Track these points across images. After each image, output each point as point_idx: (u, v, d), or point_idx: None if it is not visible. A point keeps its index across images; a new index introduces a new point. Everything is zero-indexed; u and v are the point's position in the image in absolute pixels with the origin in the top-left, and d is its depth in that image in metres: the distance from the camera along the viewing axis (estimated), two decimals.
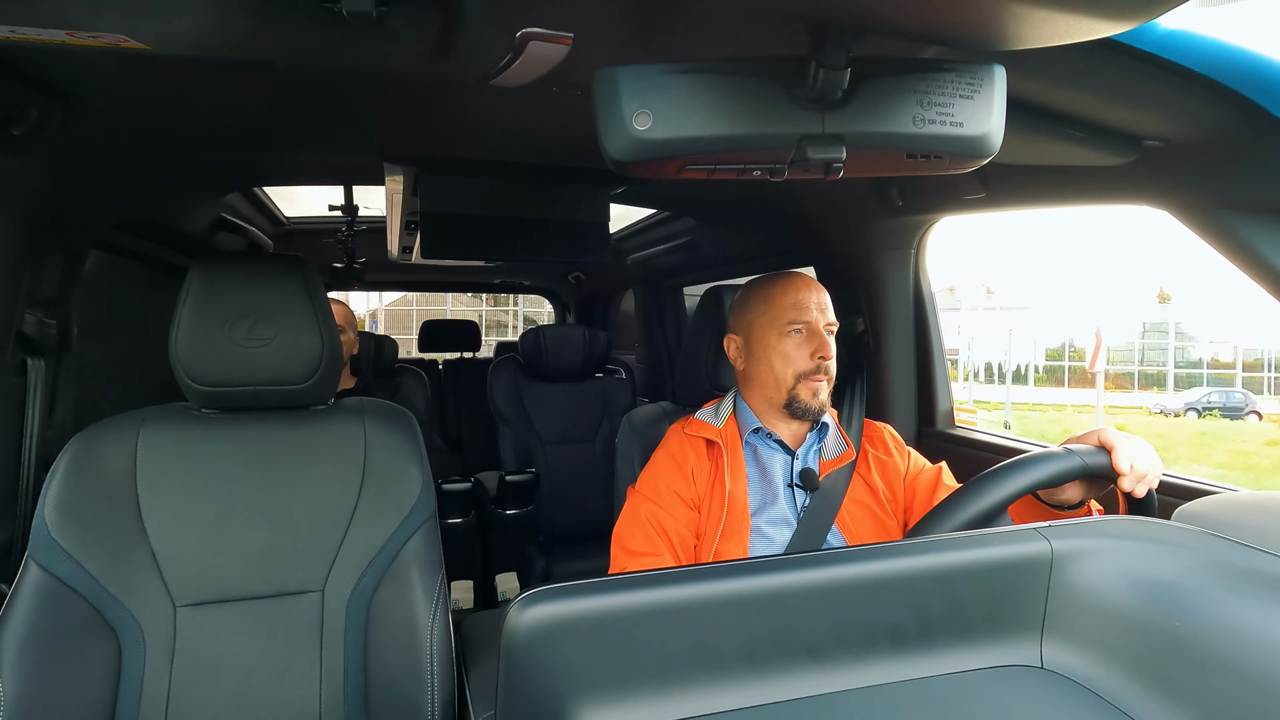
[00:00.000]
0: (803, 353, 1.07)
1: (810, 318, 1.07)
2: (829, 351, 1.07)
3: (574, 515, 2.38)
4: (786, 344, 1.07)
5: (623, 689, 0.44)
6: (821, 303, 1.10)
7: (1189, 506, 0.59)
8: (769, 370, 1.09)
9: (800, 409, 1.07)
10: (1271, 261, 0.85)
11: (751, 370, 1.12)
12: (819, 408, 1.08)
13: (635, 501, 1.09)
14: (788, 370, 1.07)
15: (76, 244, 1.21)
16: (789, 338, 1.08)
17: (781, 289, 1.10)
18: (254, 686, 0.95)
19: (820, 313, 1.09)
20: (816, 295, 1.10)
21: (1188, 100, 0.76)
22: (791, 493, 1.08)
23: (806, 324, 1.07)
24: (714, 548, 1.03)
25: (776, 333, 1.08)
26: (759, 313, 1.10)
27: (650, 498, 1.07)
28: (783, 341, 1.08)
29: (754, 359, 1.11)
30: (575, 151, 1.32)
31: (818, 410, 1.08)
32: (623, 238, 2.64)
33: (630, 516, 1.08)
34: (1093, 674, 0.50)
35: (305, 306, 1.02)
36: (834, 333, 1.10)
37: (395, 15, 0.64)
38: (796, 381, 1.07)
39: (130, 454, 0.96)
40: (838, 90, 0.52)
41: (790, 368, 1.07)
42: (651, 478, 1.10)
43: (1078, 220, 36.18)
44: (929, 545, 0.52)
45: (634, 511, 1.07)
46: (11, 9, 0.61)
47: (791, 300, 1.08)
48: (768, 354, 1.09)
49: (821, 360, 1.06)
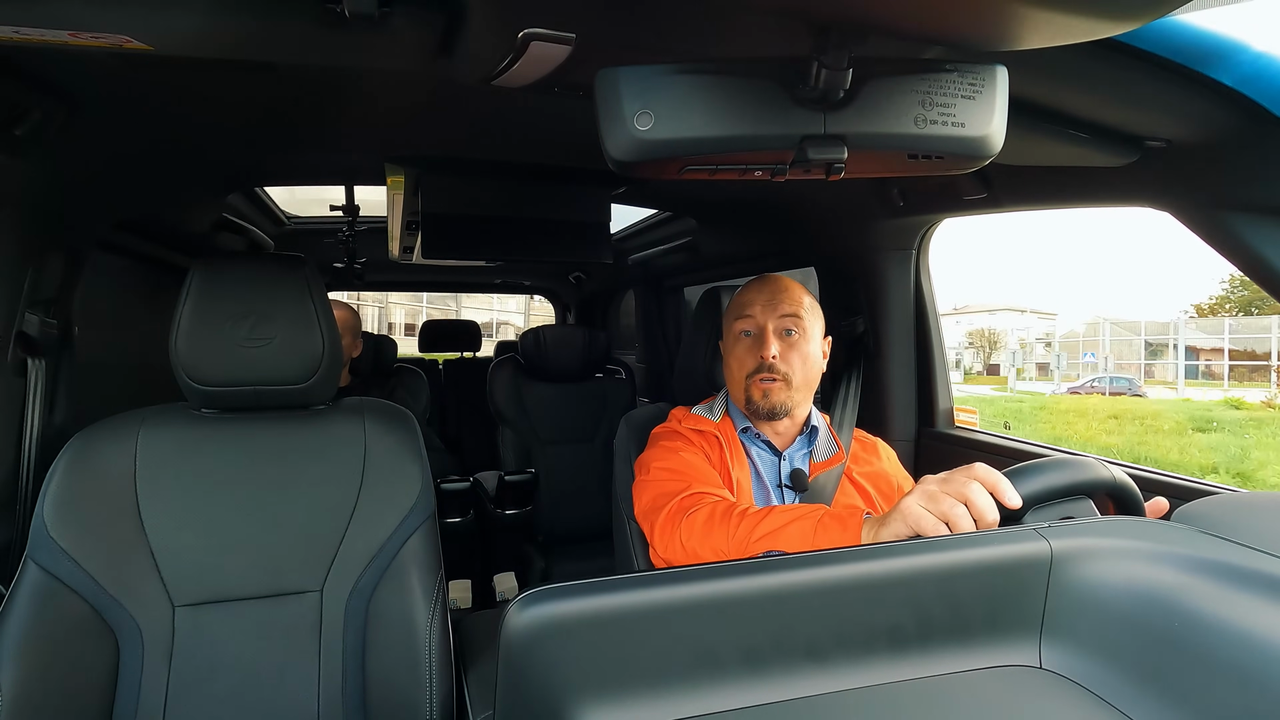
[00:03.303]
0: (752, 354, 1.09)
1: (755, 318, 1.09)
2: (768, 352, 1.07)
3: (573, 515, 2.38)
4: (739, 346, 1.11)
5: (621, 689, 0.44)
6: (773, 299, 1.09)
7: (1188, 507, 0.59)
8: (729, 372, 1.13)
9: (754, 408, 1.09)
10: (1272, 262, 0.84)
11: (724, 372, 1.16)
12: (769, 408, 1.07)
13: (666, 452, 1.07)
14: (741, 372, 1.09)
15: (78, 244, 1.21)
16: (740, 340, 1.11)
17: (741, 291, 1.13)
18: (252, 687, 0.95)
19: (769, 309, 1.08)
20: (769, 293, 1.10)
21: (1189, 100, 0.76)
22: (781, 493, 1.09)
23: (753, 325, 1.09)
24: None
25: (733, 336, 1.12)
26: (728, 316, 1.15)
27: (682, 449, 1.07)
28: (737, 344, 1.11)
29: (724, 361, 1.16)
30: (576, 152, 1.32)
31: (768, 411, 1.08)
32: (623, 238, 2.64)
33: (670, 460, 1.06)
34: (1092, 674, 0.50)
35: (306, 306, 1.02)
36: (797, 326, 1.09)
37: (397, 16, 0.64)
38: (748, 382, 1.09)
39: (130, 454, 0.96)
40: (839, 90, 0.52)
41: (742, 369, 1.09)
42: (672, 449, 1.09)
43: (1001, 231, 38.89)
44: (928, 545, 0.52)
45: (674, 456, 1.06)
46: (14, 10, 0.61)
47: (740, 301, 1.11)
48: (728, 357, 1.13)
49: (762, 360, 1.06)
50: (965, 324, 30.23)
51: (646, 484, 1.06)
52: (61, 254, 1.15)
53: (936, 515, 0.68)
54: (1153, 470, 1.13)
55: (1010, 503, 0.65)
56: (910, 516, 0.70)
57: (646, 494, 1.05)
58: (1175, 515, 0.58)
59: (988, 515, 0.66)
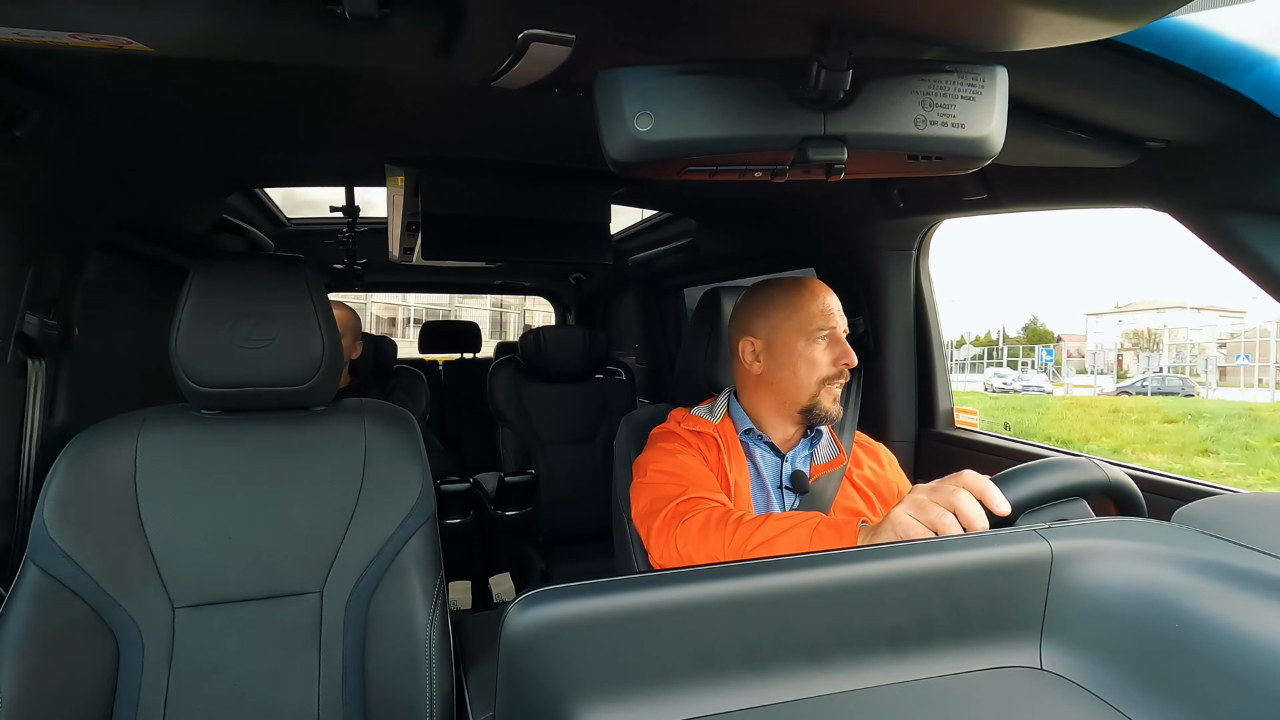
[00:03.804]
0: (827, 358, 1.08)
1: (835, 324, 1.09)
2: (853, 359, 1.08)
3: (573, 516, 2.38)
4: (814, 350, 1.08)
5: (621, 690, 0.44)
6: (840, 310, 1.11)
7: (1188, 508, 0.59)
8: (792, 375, 1.09)
9: (819, 414, 1.08)
10: (1272, 262, 0.84)
11: (773, 374, 1.11)
12: (837, 413, 1.09)
13: (663, 454, 1.07)
14: (813, 376, 1.08)
15: (78, 244, 1.21)
16: (816, 344, 1.08)
17: (810, 295, 1.11)
18: (252, 688, 0.95)
19: (840, 319, 1.10)
20: (837, 302, 1.11)
21: (1189, 101, 0.76)
22: (781, 495, 1.09)
23: (831, 330, 1.08)
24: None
25: (805, 338, 1.08)
26: (784, 316, 1.10)
27: (679, 452, 1.07)
28: (810, 347, 1.08)
29: (777, 363, 1.10)
30: (576, 153, 1.32)
31: (836, 415, 1.09)
32: (624, 239, 2.64)
33: (667, 464, 1.06)
34: (1092, 675, 0.50)
35: (306, 307, 1.02)
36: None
37: (397, 17, 0.64)
38: (820, 387, 1.08)
39: (130, 455, 0.96)
40: (839, 91, 0.52)
41: (816, 373, 1.08)
42: (669, 451, 1.09)
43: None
44: (929, 546, 0.52)
45: (671, 459, 1.06)
46: (15, 11, 0.61)
47: (820, 307, 1.09)
48: (793, 359, 1.09)
49: (845, 366, 1.08)
50: (1127, 323, 29.41)
51: (643, 487, 1.06)
52: (61, 254, 1.15)
53: (925, 524, 0.69)
54: (1153, 470, 1.13)
55: (999, 509, 0.65)
56: (899, 526, 0.71)
57: (643, 497, 1.05)
58: (1175, 516, 0.58)
59: (976, 523, 0.66)
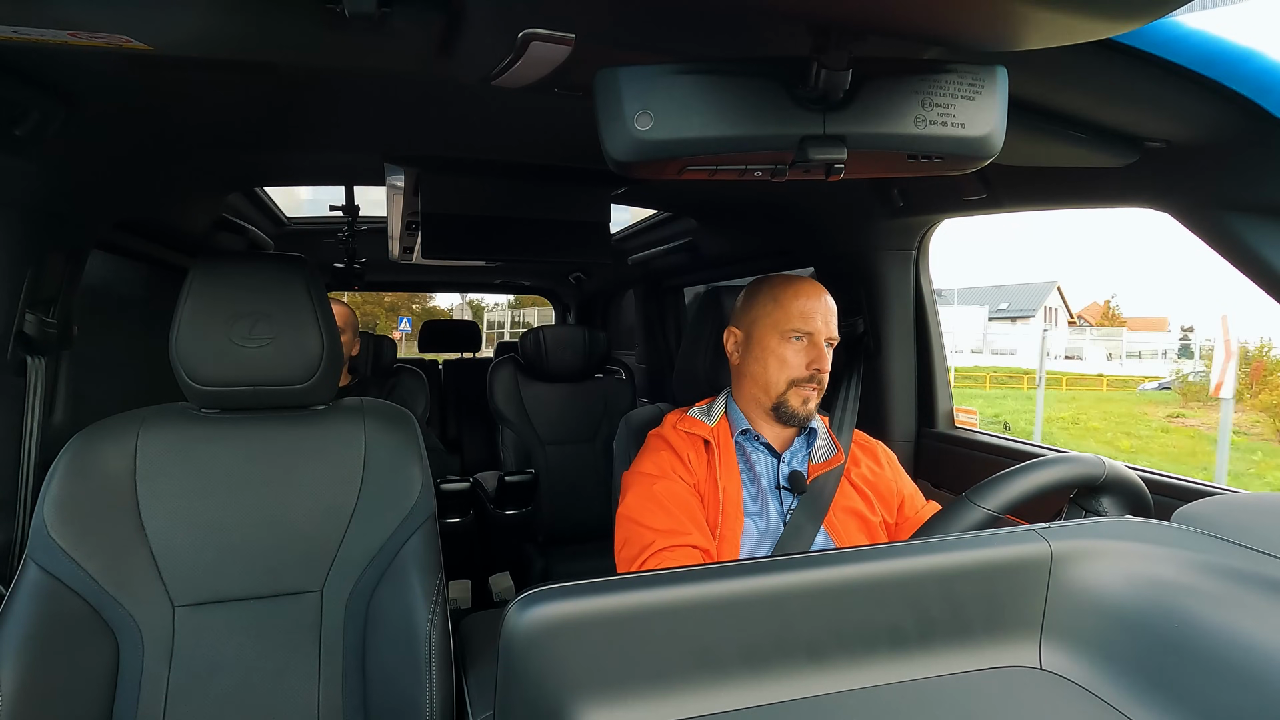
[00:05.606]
0: (800, 360, 1.07)
1: (814, 328, 1.07)
2: (825, 365, 1.07)
3: (573, 516, 2.38)
4: (786, 349, 1.07)
5: (622, 689, 0.44)
6: (828, 315, 1.09)
7: (1188, 508, 0.59)
8: (762, 370, 1.09)
9: (787, 414, 1.08)
10: (1272, 262, 0.84)
11: (746, 367, 1.11)
12: (805, 415, 1.08)
13: (644, 482, 1.06)
14: (782, 375, 1.07)
15: (77, 244, 1.21)
16: (790, 343, 1.08)
17: (793, 293, 1.09)
18: (252, 687, 0.95)
19: (825, 324, 1.09)
20: (825, 306, 1.10)
21: (1188, 101, 0.76)
22: (779, 495, 1.08)
23: (810, 334, 1.07)
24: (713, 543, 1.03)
25: (778, 335, 1.08)
26: (765, 312, 1.10)
27: (660, 477, 1.06)
28: (783, 346, 1.08)
29: (750, 356, 1.11)
30: (576, 152, 1.32)
31: (804, 417, 1.08)
32: (623, 238, 2.64)
33: (645, 497, 1.04)
34: (1092, 675, 0.50)
35: (306, 306, 1.02)
36: (834, 346, 1.10)
37: (397, 16, 0.64)
38: (788, 387, 1.07)
39: (130, 454, 0.96)
40: (839, 91, 0.51)
41: (785, 373, 1.07)
42: (657, 462, 1.08)
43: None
44: (928, 546, 0.52)
45: (647, 491, 1.05)
46: (14, 10, 0.61)
47: (799, 307, 1.08)
48: (765, 354, 1.09)
49: (816, 372, 1.06)
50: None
51: (622, 520, 1.05)
52: (61, 253, 1.15)
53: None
54: (1153, 470, 1.13)
55: None
56: None
57: (621, 529, 1.04)
58: (1175, 516, 0.58)
59: None
